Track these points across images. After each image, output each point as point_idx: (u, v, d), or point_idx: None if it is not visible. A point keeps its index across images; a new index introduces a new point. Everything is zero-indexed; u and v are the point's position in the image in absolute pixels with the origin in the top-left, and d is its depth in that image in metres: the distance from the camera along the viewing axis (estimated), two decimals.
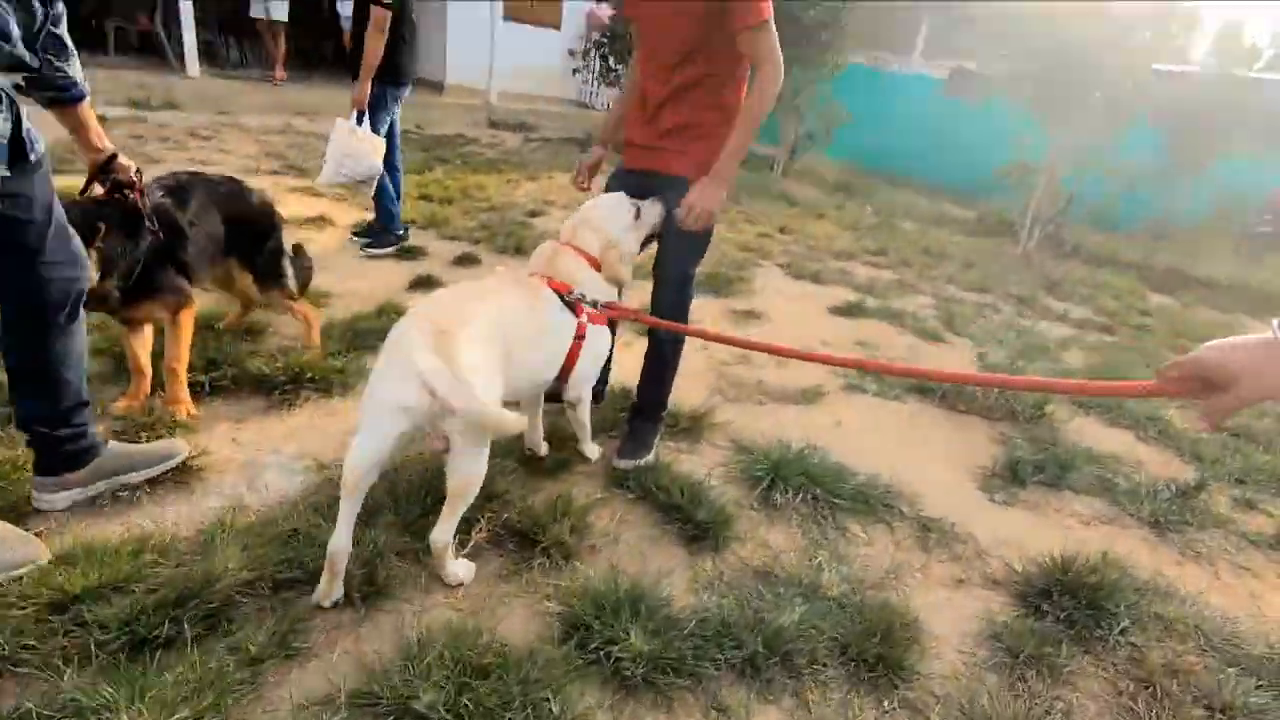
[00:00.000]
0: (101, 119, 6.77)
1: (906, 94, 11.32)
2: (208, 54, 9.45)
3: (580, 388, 2.14)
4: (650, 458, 2.30)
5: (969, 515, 2.31)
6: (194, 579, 1.48)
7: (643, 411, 2.37)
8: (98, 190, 1.86)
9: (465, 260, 4.21)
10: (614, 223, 2.10)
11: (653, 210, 2.14)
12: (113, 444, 1.82)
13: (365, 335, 2.86)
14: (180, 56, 8.59)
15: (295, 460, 2.06)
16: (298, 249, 2.86)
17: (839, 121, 8.78)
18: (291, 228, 4.34)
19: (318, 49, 11.05)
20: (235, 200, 2.42)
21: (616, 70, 10.17)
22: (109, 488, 1.78)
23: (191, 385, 2.26)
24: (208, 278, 2.37)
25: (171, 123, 7.08)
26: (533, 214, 5.69)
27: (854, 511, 2.21)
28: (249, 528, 1.72)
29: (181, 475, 1.89)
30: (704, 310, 3.94)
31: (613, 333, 2.23)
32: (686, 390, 2.79)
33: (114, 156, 1.80)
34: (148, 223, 1.95)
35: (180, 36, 8.42)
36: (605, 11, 9.40)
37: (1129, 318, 5.47)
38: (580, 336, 1.97)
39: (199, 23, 8.51)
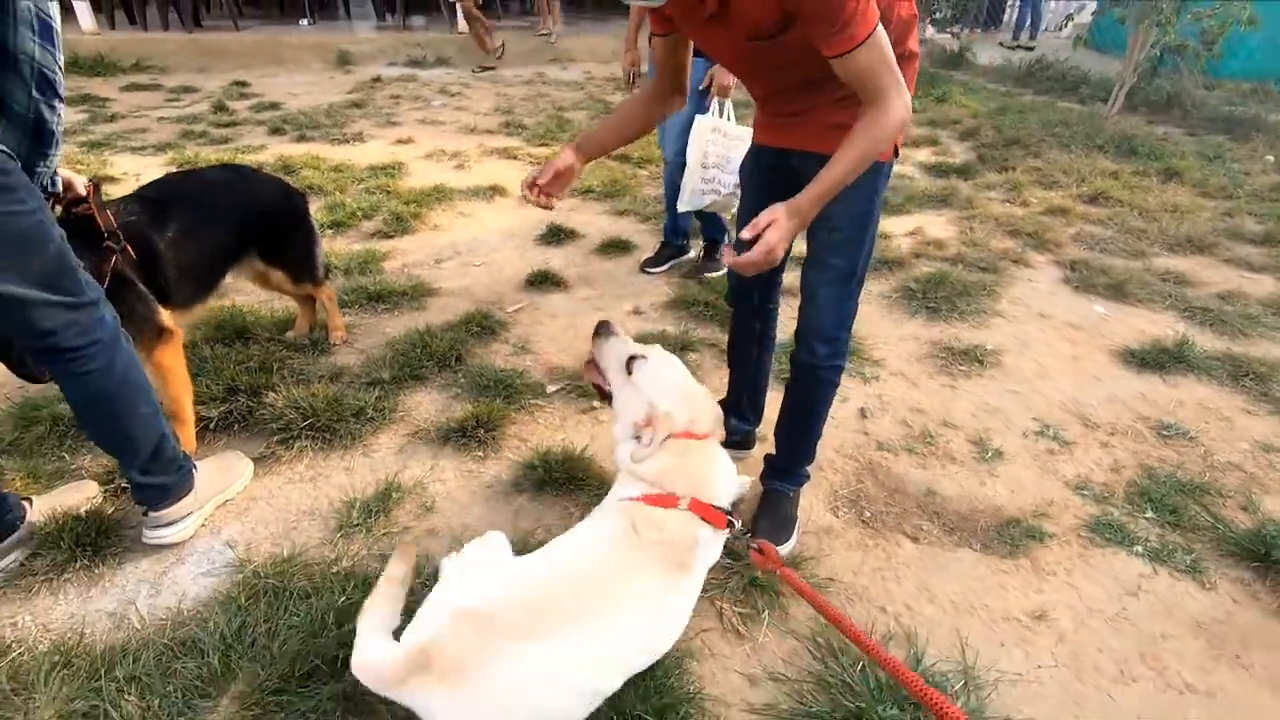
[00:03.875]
0: (377, 79, 7.36)
1: None
2: (486, 6, 9.96)
3: None
4: (792, 544, 1.77)
5: None
6: None
7: (778, 467, 1.84)
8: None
9: (613, 248, 3.55)
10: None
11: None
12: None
13: (425, 362, 2.43)
14: (453, 9, 9.14)
15: (219, 550, 1.70)
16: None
17: (1235, 25, 5.82)
18: (461, 197, 4.13)
19: None
20: (244, 195, 2.14)
21: None
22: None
23: (199, 420, 2.05)
24: (206, 299, 2.08)
25: (433, 80, 7.52)
26: None
27: None
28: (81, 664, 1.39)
29: (94, 558, 1.65)
30: (902, 344, 2.76)
31: None
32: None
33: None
34: (109, 240, 1.67)
35: None
36: None
37: None
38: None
39: None
